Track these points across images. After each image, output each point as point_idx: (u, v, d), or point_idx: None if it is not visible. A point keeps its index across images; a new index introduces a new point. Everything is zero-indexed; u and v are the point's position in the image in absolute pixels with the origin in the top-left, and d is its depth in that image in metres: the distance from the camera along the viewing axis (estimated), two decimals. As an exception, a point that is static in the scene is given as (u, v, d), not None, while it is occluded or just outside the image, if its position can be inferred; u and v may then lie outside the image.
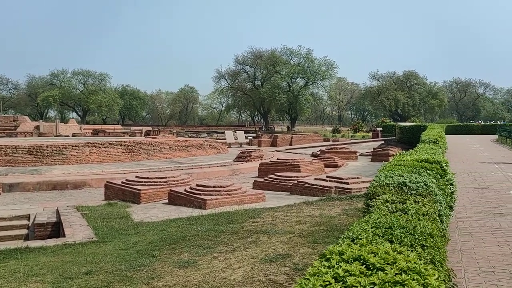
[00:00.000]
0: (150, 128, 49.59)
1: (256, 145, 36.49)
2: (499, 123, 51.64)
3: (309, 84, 68.33)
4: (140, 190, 10.85)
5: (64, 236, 7.50)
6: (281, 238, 6.46)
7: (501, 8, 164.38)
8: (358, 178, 12.87)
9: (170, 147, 22.26)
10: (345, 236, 2.25)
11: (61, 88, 77.32)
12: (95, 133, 41.03)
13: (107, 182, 12.33)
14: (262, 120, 79.09)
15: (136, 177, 11.99)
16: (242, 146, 35.58)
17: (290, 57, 69.31)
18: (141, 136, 38.34)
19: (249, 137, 41.81)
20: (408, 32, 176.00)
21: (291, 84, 68.18)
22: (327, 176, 13.46)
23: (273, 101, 64.83)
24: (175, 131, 52.48)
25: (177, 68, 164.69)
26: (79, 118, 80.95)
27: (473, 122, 64.05)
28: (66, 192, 13.74)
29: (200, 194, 9.94)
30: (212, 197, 9.78)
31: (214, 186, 10.32)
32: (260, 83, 70.87)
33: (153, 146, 21.48)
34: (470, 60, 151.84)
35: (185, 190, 10.44)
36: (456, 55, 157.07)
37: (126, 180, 11.89)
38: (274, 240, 6.35)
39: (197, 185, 10.55)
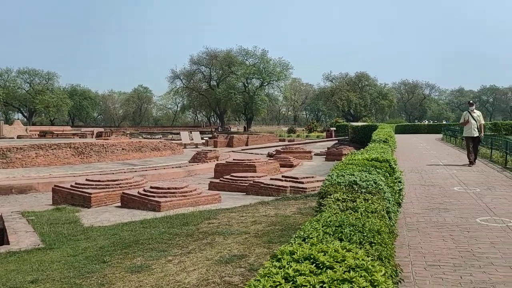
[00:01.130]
0: (102, 129, 48.02)
1: (212, 145, 36.28)
2: (444, 122, 54.35)
3: (264, 84, 68.84)
4: (90, 193, 10.47)
5: (9, 244, 7.10)
6: (237, 239, 6.45)
7: (446, 11, 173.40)
8: (312, 177, 13.10)
9: (123, 149, 21.66)
10: (296, 235, 2.27)
11: (5, 87, 73.22)
12: (43, 134, 39.20)
13: (55, 186, 11.79)
14: (218, 120, 78.81)
15: (87, 180, 11.56)
16: (198, 147, 35.27)
17: (245, 58, 69.55)
18: (92, 137, 37.02)
19: (205, 138, 41.51)
20: (359, 33, 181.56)
21: (246, 84, 68.40)
22: (282, 176, 13.59)
23: (229, 101, 64.77)
24: (128, 132, 51.14)
25: (130, 67, 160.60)
26: (25, 119, 77.05)
27: (417, 122, 66.97)
28: (10, 197, 13.01)
29: (154, 197, 9.73)
30: (166, 199, 9.60)
31: (168, 188, 10.14)
32: (215, 84, 70.58)
33: (105, 147, 20.80)
34: (417, 62, 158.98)
35: (138, 192, 10.19)
36: (404, 56, 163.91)
37: (76, 183, 11.42)
38: (230, 241, 6.33)
39: (151, 187, 10.32)
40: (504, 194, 8.00)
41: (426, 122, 59.82)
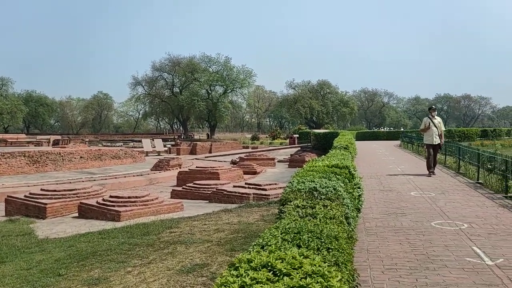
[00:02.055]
0: (59, 137, 46.30)
1: (175, 153, 35.82)
2: (402, 129, 56.21)
3: (228, 91, 68.86)
4: (46, 204, 10.07)
5: (-46, 259, 6.68)
6: (199, 248, 6.38)
7: (404, 20, 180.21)
8: (275, 184, 13.19)
9: (81, 157, 20.99)
10: (255, 243, 2.27)
11: (-46, 94, 69.43)
12: (-5, 143, 37.32)
13: (8, 196, 11.25)
14: (181, 127, 77.96)
15: (42, 190, 11.11)
16: (160, 154, 34.72)
17: (208, 65, 69.39)
18: (48, 145, 35.65)
19: (167, 145, 40.93)
20: (321, 41, 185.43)
21: (210, 91, 68.18)
22: (245, 183, 13.61)
23: (192, 108, 64.27)
24: (87, 140, 49.64)
25: (89, 73, 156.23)
26: (-24, 126, 73.23)
27: (375, 128, 68.95)
28: (-42, 209, 12.29)
29: (113, 206, 9.48)
30: (126, 209, 9.38)
31: (129, 197, 9.91)
32: (178, 90, 69.91)
33: (62, 156, 20.09)
34: (376, 71, 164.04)
35: (97, 202, 9.90)
36: (365, 65, 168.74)
37: (30, 193, 10.96)
38: (192, 250, 6.25)
39: (111, 197, 10.05)
40: (457, 198, 8.35)
41: (386, 129, 61.71)
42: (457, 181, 10.93)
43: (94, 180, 16.82)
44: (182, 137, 61.93)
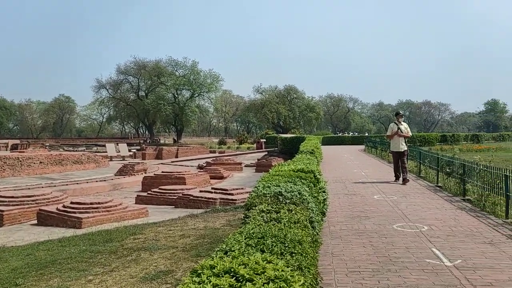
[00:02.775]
0: (18, 141, 44.48)
1: (140, 158, 35.18)
2: (366, 134, 57.55)
3: (195, 96, 68.38)
4: (3, 211, 9.64)
5: None
6: (164, 254, 6.27)
7: (366, 29, 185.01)
8: (242, 188, 13.17)
9: (41, 162, 20.24)
10: (218, 249, 2.25)
11: None
12: None
13: (-39, 203, 10.69)
14: (147, 132, 76.69)
15: (-2, 196, 10.64)
16: (125, 159, 33.99)
17: (175, 69, 68.69)
18: (6, 150, 34.18)
19: (132, 150, 40.13)
20: (287, 47, 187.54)
21: (176, 95, 67.48)
22: (212, 188, 13.52)
23: (158, 112, 63.36)
24: (48, 144, 47.94)
25: (50, 75, 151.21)
26: None
27: (339, 133, 70.25)
28: None
29: (75, 213, 9.19)
30: (88, 215, 9.11)
31: (91, 203, 9.63)
32: (144, 94, 68.78)
33: (20, 161, 19.31)
34: (341, 77, 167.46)
35: (57, 208, 9.57)
36: (330, 71, 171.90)
37: (-15, 200, 10.46)
38: (156, 257, 6.14)
39: (72, 203, 9.74)
40: (417, 201, 8.61)
41: (350, 134, 62.99)
42: (418, 184, 11.28)
43: (55, 186, 16.26)
44: (148, 142, 60.93)
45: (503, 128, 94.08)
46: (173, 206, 12.61)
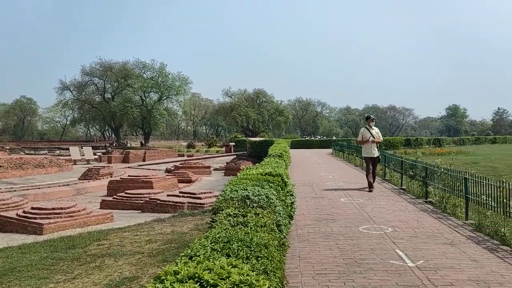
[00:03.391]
0: (-25, 144, 42.58)
1: (106, 161, 34.38)
2: (334, 138, 58.48)
3: (163, 98, 67.54)
4: (-43, 217, 9.18)
5: None
6: (129, 260, 6.14)
7: (335, 35, 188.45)
8: (210, 192, 13.10)
9: (0, 166, 19.42)
10: (183, 254, 2.22)
11: None
12: None
13: None
14: (113, 135, 75.03)
15: (-47, 202, 10.13)
16: (90, 163, 33.14)
17: (143, 71, 67.63)
18: (-37, 153, 32.61)
19: (98, 154, 39.18)
20: (256, 50, 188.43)
21: (144, 98, 66.43)
22: (180, 192, 13.38)
23: (125, 115, 62.15)
24: (8, 147, 46.10)
25: (11, 76, 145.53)
26: None
27: (306, 137, 71.05)
28: None
29: (36, 218, 8.87)
30: (50, 221, 8.81)
31: (53, 208, 9.32)
32: (110, 96, 67.33)
33: (-22, 165, 18.48)
34: (309, 82, 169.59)
35: (17, 214, 9.21)
36: (299, 76, 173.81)
37: None
38: (121, 263, 6.00)
39: (33, 208, 9.40)
40: (382, 204, 8.81)
41: (318, 138, 63.83)
42: (383, 187, 11.54)
43: (15, 190, 15.63)
44: (114, 145, 59.68)
45: (464, 133, 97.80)
46: (140, 211, 12.39)
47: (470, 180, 7.26)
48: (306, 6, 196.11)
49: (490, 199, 6.47)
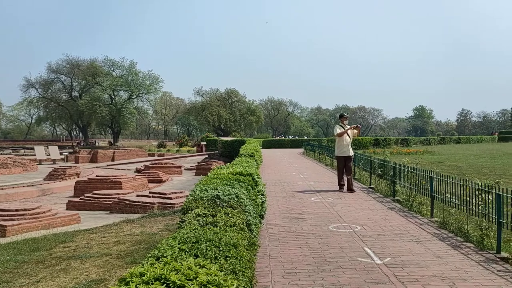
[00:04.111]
0: None
1: (73, 161, 33.50)
2: (305, 138, 59.02)
3: (133, 97, 66.45)
4: None
5: None
6: (96, 262, 6.00)
7: (304, 38, 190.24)
8: (181, 192, 12.97)
9: (-40, 166, 18.61)
10: (150, 255, 2.17)
11: None
12: None
13: None
14: (81, 134, 73.22)
15: None
16: (56, 163, 32.22)
17: (112, 69, 66.33)
18: None
19: (64, 153, 38.12)
20: (228, 49, 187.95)
21: (113, 96, 65.16)
22: (150, 192, 13.19)
23: (93, 114, 60.77)
24: (-31, 146, 44.24)
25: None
26: None
27: (276, 137, 71.52)
28: None
29: (-3, 220, 8.53)
30: (13, 223, 8.50)
31: (16, 210, 9.00)
32: (78, 95, 65.74)
33: None
34: (282, 82, 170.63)
35: (-23, 216, 8.83)
36: (272, 76, 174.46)
37: None
38: (88, 265, 5.85)
39: (-6, 210, 9.04)
40: (351, 202, 8.95)
41: (290, 137, 64.30)
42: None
43: (-25, 192, 15.02)
44: (82, 144, 58.24)
45: (430, 133, 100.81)
46: (108, 212, 12.13)
47: (435, 179, 7.46)
48: (279, 6, 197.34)
49: (454, 197, 6.67)
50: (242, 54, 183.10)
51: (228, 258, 2.18)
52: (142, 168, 26.72)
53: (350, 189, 10.33)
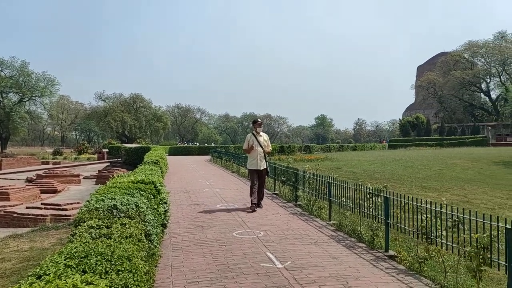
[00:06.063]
0: None
1: (-50, 170, 29.57)
2: (212, 145, 59.03)
3: (24, 100, 60.85)
4: None
5: None
6: (-26, 284, 5.32)
7: (221, 40, 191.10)
8: (78, 203, 12.13)
9: None
10: (31, 273, 1.96)
11: None
12: None
13: None
14: (-40, 140, 64.93)
15: None
16: None
17: (0, 69, 60.05)
18: None
19: None
20: (133, 53, 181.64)
21: (1, 99, 58.98)
22: (42, 204, 12.14)
23: (-24, 117, 54.38)
24: None
25: None
26: None
27: (180, 143, 70.79)
28: None
29: None
30: None
31: None
32: (-43, 95, 58.35)
33: None
34: (188, 88, 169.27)
35: None
36: (180, 84, 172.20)
37: None
38: (-37, 288, 5.16)
39: None
40: (256, 209, 9.10)
41: (197, 144, 63.85)
42: (258, 192, 11.95)
43: None
44: (-38, 151, 51.73)
45: (330, 140, 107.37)
46: (-8, 226, 10.87)
47: (332, 184, 7.92)
48: (179, 8, 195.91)
49: (349, 201, 7.13)
50: (148, 64, 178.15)
51: (120, 272, 2.05)
52: (34, 178, 24.51)
53: (259, 204, 9.14)
